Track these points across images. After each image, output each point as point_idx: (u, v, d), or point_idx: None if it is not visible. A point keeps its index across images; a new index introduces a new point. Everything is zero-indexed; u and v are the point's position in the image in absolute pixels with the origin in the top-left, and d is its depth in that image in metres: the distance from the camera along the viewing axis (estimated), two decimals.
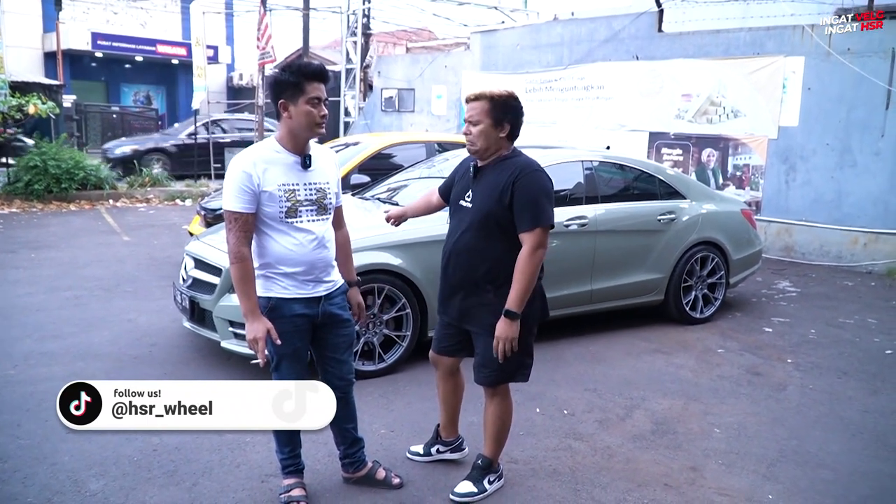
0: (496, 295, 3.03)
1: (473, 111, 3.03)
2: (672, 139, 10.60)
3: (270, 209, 2.81)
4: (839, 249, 9.16)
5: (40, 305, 6.14)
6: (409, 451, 3.64)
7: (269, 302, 2.88)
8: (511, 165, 3.03)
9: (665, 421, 4.26)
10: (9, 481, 3.25)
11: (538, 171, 3.04)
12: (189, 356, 5.04)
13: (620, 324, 6.12)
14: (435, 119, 14.34)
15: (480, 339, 3.13)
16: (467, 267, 3.09)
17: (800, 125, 9.35)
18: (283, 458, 3.12)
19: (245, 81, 31.79)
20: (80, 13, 29.08)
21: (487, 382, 3.17)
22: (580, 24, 11.95)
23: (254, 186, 2.76)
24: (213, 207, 7.38)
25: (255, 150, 2.85)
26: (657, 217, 6.03)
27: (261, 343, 2.77)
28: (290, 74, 2.78)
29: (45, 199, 12.25)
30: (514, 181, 2.96)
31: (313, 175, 2.90)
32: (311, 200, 2.89)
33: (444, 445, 3.59)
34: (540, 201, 2.97)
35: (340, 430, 3.21)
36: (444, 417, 3.55)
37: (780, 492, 3.45)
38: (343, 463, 3.29)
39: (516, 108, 3.06)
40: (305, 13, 15.88)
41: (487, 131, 3.01)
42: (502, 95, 3.03)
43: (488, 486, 3.27)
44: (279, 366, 2.98)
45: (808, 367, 5.29)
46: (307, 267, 2.90)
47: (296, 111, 2.78)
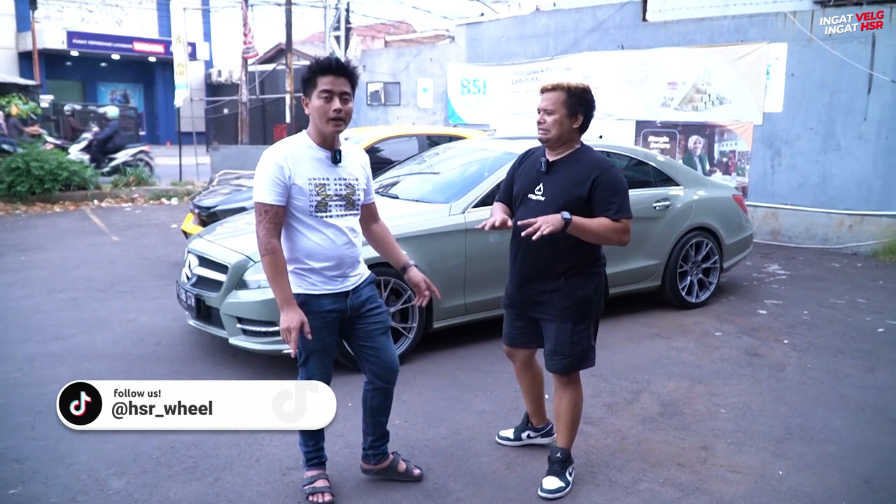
0: (566, 282, 3.13)
1: (549, 101, 3.09)
2: (659, 127, 10.70)
3: (300, 203, 2.82)
4: (825, 232, 9.31)
5: (38, 307, 6.10)
6: (500, 435, 3.73)
7: (299, 298, 2.87)
8: (589, 161, 3.11)
9: (672, 403, 4.33)
10: (30, 482, 3.25)
11: (615, 167, 3.16)
12: (194, 354, 5.04)
13: (619, 310, 6.19)
14: (421, 112, 14.34)
15: (552, 326, 3.19)
16: (540, 257, 3.13)
17: (784, 111, 9.48)
18: (307, 450, 3.13)
19: (224, 78, 31.55)
20: (54, 12, 28.73)
21: (562, 369, 3.22)
22: (565, 15, 12.01)
23: (285, 179, 2.78)
24: (208, 205, 7.35)
25: (286, 144, 2.87)
26: (653, 204, 6.11)
27: (294, 333, 2.77)
28: (308, 70, 2.82)
29: (29, 201, 12.10)
30: (596, 176, 3.04)
31: (343, 170, 2.92)
32: (341, 195, 2.90)
33: (535, 431, 3.69)
34: (625, 193, 3.10)
35: (374, 421, 3.21)
36: (531, 406, 3.63)
37: (789, 468, 3.54)
38: (366, 454, 3.28)
39: (590, 101, 3.13)
40: (288, 7, 15.79)
41: (562, 121, 3.07)
42: (579, 87, 3.09)
43: (569, 477, 3.31)
44: (307, 361, 2.99)
45: (805, 347, 5.39)
46: (336, 262, 2.92)
47: (311, 105, 2.82)
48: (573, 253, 3.11)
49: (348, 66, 2.84)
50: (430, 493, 3.25)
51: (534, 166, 3.24)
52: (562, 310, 3.14)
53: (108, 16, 31.02)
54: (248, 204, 7.06)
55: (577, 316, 3.17)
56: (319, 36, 24.88)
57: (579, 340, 3.18)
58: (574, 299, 3.14)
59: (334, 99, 2.80)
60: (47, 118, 20.62)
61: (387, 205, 5.06)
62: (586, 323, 3.21)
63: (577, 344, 3.17)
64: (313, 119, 2.84)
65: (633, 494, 3.27)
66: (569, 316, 3.15)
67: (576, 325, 3.16)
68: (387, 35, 23.99)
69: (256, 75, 21.71)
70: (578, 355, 3.20)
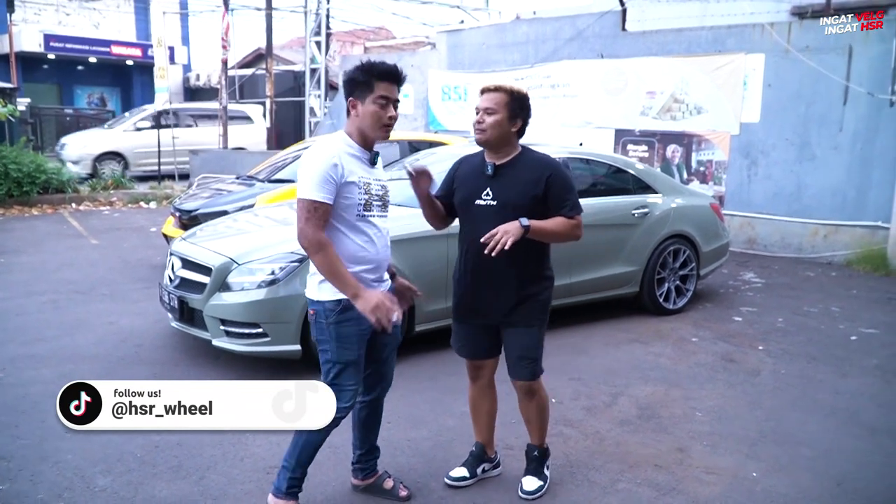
0: (527, 286, 3.11)
1: (490, 101, 3.05)
2: (637, 136, 10.85)
3: (349, 201, 2.78)
4: (800, 241, 9.48)
5: (18, 310, 6.07)
6: (451, 476, 3.40)
7: (340, 304, 2.80)
8: (539, 161, 3.12)
9: (649, 406, 4.42)
10: (16, 479, 3.27)
11: (563, 165, 3.20)
12: (177, 356, 5.05)
13: (598, 316, 6.28)
14: (402, 118, 14.36)
15: (518, 332, 3.15)
16: (496, 263, 3.01)
17: (761, 121, 9.65)
18: (292, 476, 2.95)
19: (202, 82, 31.40)
20: (31, 15, 28.46)
21: (530, 374, 3.19)
22: (545, 24, 12.14)
23: (338, 177, 2.73)
24: (189, 209, 7.36)
25: (335, 142, 2.83)
26: (631, 211, 6.22)
27: (384, 307, 2.69)
28: (362, 72, 2.77)
29: (6, 204, 11.98)
30: (549, 175, 3.05)
31: (378, 172, 2.93)
32: (379, 196, 2.90)
33: (489, 462, 3.49)
34: (574, 191, 3.13)
35: (363, 434, 3.18)
36: (486, 434, 3.46)
37: (763, 469, 3.63)
38: (354, 468, 3.25)
39: (528, 109, 3.13)
40: (268, 12, 15.80)
41: (502, 123, 3.04)
42: (521, 92, 3.10)
43: (546, 472, 3.37)
44: (339, 376, 2.85)
45: (779, 354, 5.51)
46: (376, 265, 2.90)
47: (363, 110, 2.78)
48: (528, 256, 3.08)
49: (402, 73, 2.87)
50: (412, 492, 3.29)
51: (475, 172, 3.17)
52: (529, 316, 3.13)
53: (85, 19, 30.76)
54: (229, 208, 7.09)
55: (542, 319, 3.19)
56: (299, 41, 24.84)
57: (540, 343, 3.20)
58: (538, 304, 3.15)
59: (389, 106, 2.80)
60: (24, 121, 20.41)
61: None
62: (544, 325, 3.22)
63: (539, 347, 3.20)
64: (362, 122, 2.80)
65: (612, 494, 3.35)
66: (536, 321, 3.15)
67: (540, 329, 3.18)
68: (367, 41, 24.06)
69: (236, 80, 21.65)
70: (540, 358, 3.22)
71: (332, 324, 2.82)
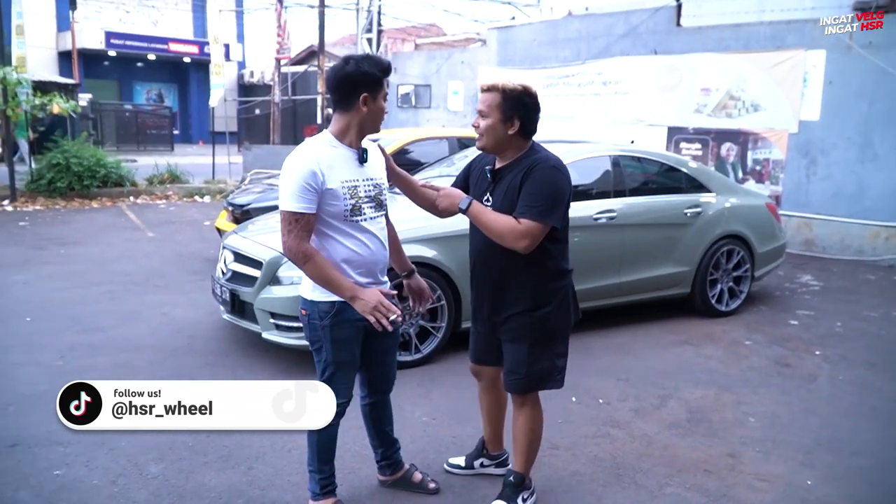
0: (522, 300, 2.92)
1: (484, 103, 2.84)
2: (691, 134, 10.65)
3: (334, 208, 2.68)
4: (860, 243, 9.19)
5: (78, 299, 6.26)
6: (448, 463, 3.47)
7: (334, 307, 2.74)
8: (527, 163, 2.84)
9: (699, 410, 4.33)
10: (73, 465, 3.37)
11: (554, 167, 2.82)
12: (228, 348, 5.14)
13: (646, 316, 6.19)
14: (451, 115, 14.40)
15: (509, 347, 2.99)
16: (491, 273, 2.96)
17: (821, 119, 9.38)
18: (322, 477, 2.96)
19: (256, 79, 31.98)
20: (93, 12, 29.31)
21: (516, 389, 3.01)
22: (597, 20, 12.00)
23: (318, 185, 2.62)
24: (241, 203, 7.48)
25: (314, 147, 2.71)
26: (684, 210, 6.10)
27: (382, 307, 2.64)
28: (378, 70, 2.69)
29: (68, 197, 12.40)
30: (525, 174, 2.79)
31: (369, 170, 2.80)
32: (371, 197, 2.78)
33: (490, 459, 3.44)
34: (544, 196, 2.75)
35: (379, 432, 3.17)
36: (490, 431, 3.39)
37: (818, 478, 3.53)
38: (380, 465, 3.24)
39: (528, 105, 2.84)
40: (321, 10, 15.96)
41: (495, 126, 2.82)
42: (515, 90, 2.81)
43: (522, 503, 3.10)
44: (333, 376, 2.81)
45: (837, 359, 5.35)
46: (370, 268, 2.80)
47: (375, 106, 2.71)
48: (523, 265, 2.86)
49: None
50: (456, 489, 3.29)
51: (482, 174, 3.02)
52: (517, 331, 2.94)
53: (144, 16, 31.58)
54: None
55: (535, 337, 2.93)
56: (351, 38, 25.06)
57: (536, 360, 2.94)
58: (531, 320, 2.91)
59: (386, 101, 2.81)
60: (85, 117, 21.05)
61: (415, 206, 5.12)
62: (546, 343, 2.96)
63: (533, 364, 2.94)
64: (369, 118, 2.72)
65: (659, 498, 3.29)
66: (525, 337, 2.93)
67: (532, 347, 2.94)
68: (417, 38, 24.11)
69: (289, 76, 21.96)
70: (536, 375, 2.97)
71: (327, 326, 2.76)
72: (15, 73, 12.17)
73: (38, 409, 3.96)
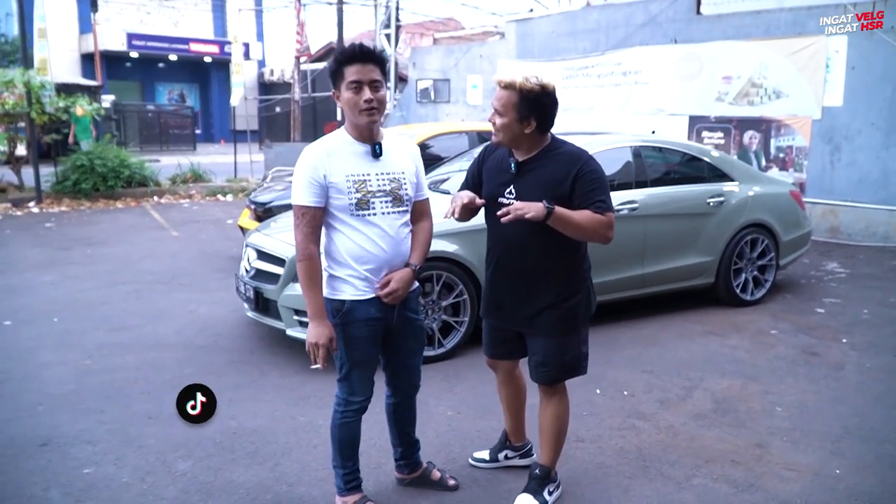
0: (552, 293, 2.90)
1: (500, 101, 2.80)
2: (713, 122, 10.55)
3: (339, 202, 2.66)
4: (886, 229, 9.06)
5: (104, 299, 6.35)
6: (473, 457, 3.48)
7: (344, 305, 2.73)
8: (566, 155, 2.84)
9: (725, 400, 4.30)
10: (101, 463, 3.42)
11: (592, 158, 2.85)
12: (253, 345, 5.19)
13: (671, 307, 6.15)
14: (471, 109, 14.39)
15: (538, 341, 2.97)
16: (518, 265, 2.92)
17: (844, 105, 9.25)
18: (346, 473, 2.95)
19: (276, 77, 32.15)
20: (114, 14, 29.61)
21: (548, 380, 3.00)
22: (616, 10, 11.91)
23: (320, 178, 2.63)
24: (263, 201, 7.52)
25: (324, 141, 2.73)
26: (706, 200, 6.05)
27: (322, 350, 2.67)
28: (333, 62, 2.65)
29: (93, 198, 12.57)
30: (577, 169, 2.78)
31: (386, 164, 2.74)
32: (385, 191, 2.72)
33: (514, 451, 3.43)
34: (605, 187, 2.82)
35: (400, 432, 3.14)
36: (511, 422, 3.39)
37: (847, 467, 3.49)
38: (398, 464, 3.22)
39: (545, 104, 2.80)
40: (339, 6, 16.00)
41: (511, 125, 2.80)
42: (533, 90, 2.75)
43: (548, 497, 3.08)
44: (349, 375, 2.83)
45: (864, 347, 5.28)
46: (380, 265, 2.74)
47: (342, 98, 2.66)
48: (554, 262, 2.88)
49: (374, 51, 2.66)
50: (482, 483, 3.30)
51: (500, 166, 2.97)
52: (548, 324, 2.91)
53: (165, 17, 31.86)
54: None
55: (565, 329, 2.93)
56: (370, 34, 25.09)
57: (567, 350, 2.95)
58: (561, 312, 2.90)
59: (364, 88, 2.61)
60: (109, 118, 21.29)
61: (438, 200, 5.12)
62: (574, 333, 2.97)
63: (564, 354, 2.95)
64: (346, 113, 2.68)
65: (687, 489, 3.27)
66: (556, 331, 2.92)
67: (564, 337, 2.94)
68: (435, 32, 24.09)
69: (308, 74, 22.05)
70: (567, 365, 2.98)
71: (339, 324, 2.74)
72: (38, 76, 12.33)
73: (67, 409, 4.03)
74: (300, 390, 4.33)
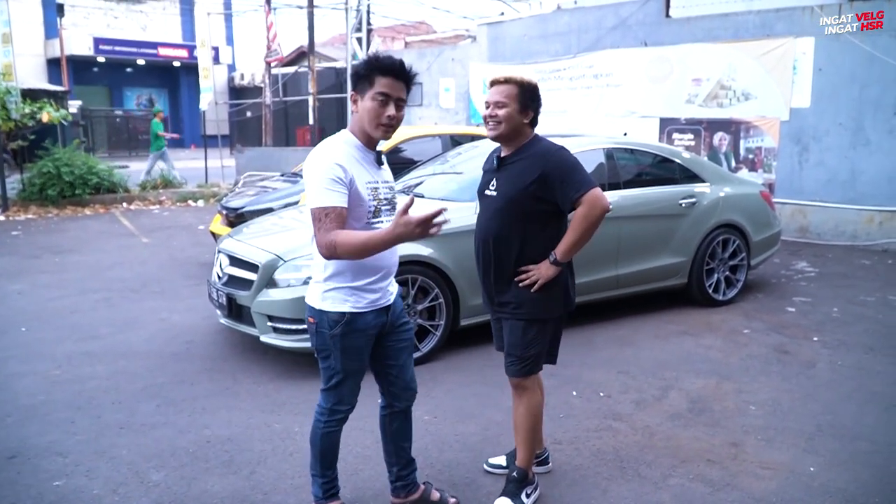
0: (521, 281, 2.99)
1: (500, 94, 2.95)
2: (683, 124, 10.65)
3: (358, 210, 2.58)
4: (854, 228, 9.21)
5: (73, 307, 6.23)
6: (489, 462, 3.44)
7: (344, 317, 2.65)
8: (536, 153, 2.96)
9: (700, 399, 4.33)
10: (73, 475, 3.34)
11: (562, 149, 2.97)
12: (226, 352, 5.12)
13: (645, 308, 6.19)
14: (444, 112, 14.39)
15: (507, 325, 3.05)
16: (495, 255, 3.02)
17: (812, 106, 9.40)
18: (325, 481, 2.90)
19: (247, 81, 31.89)
20: (81, 19, 29.22)
21: (512, 371, 3.05)
22: (587, 13, 11.99)
23: (346, 180, 2.51)
24: (235, 206, 7.45)
25: (339, 144, 2.61)
26: (679, 201, 6.10)
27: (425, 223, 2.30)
28: (365, 66, 2.59)
29: (60, 205, 12.34)
30: (543, 166, 2.90)
31: (385, 173, 2.74)
32: (388, 199, 2.70)
33: None
34: (576, 170, 2.91)
35: (397, 448, 3.01)
36: None
37: (821, 464, 3.53)
38: (394, 486, 3.07)
39: (539, 99, 3.02)
40: (310, 10, 15.91)
41: (513, 115, 2.94)
42: (531, 83, 2.99)
43: (526, 499, 3.09)
44: (341, 384, 2.75)
45: (835, 345, 5.36)
46: (385, 272, 2.72)
47: (362, 105, 2.58)
48: (528, 252, 2.97)
49: (409, 71, 2.62)
50: (460, 487, 3.28)
51: (489, 164, 3.17)
52: (516, 306, 2.99)
53: (133, 22, 31.49)
54: (274, 205, 7.17)
55: (530, 313, 2.98)
56: (341, 38, 25.04)
57: (532, 343, 3.00)
58: (531, 298, 2.97)
59: (390, 104, 2.55)
60: (76, 123, 20.94)
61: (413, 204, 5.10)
62: (540, 325, 3.01)
63: (529, 347, 3.00)
64: (361, 120, 2.60)
65: (663, 489, 3.28)
66: (522, 313, 2.99)
67: (529, 325, 2.99)
68: (407, 36, 24.09)
69: (279, 78, 21.91)
70: (532, 360, 3.03)
71: (337, 335, 2.67)
72: (3, 81, 12.09)
73: (36, 420, 3.94)
74: (275, 397, 4.28)
